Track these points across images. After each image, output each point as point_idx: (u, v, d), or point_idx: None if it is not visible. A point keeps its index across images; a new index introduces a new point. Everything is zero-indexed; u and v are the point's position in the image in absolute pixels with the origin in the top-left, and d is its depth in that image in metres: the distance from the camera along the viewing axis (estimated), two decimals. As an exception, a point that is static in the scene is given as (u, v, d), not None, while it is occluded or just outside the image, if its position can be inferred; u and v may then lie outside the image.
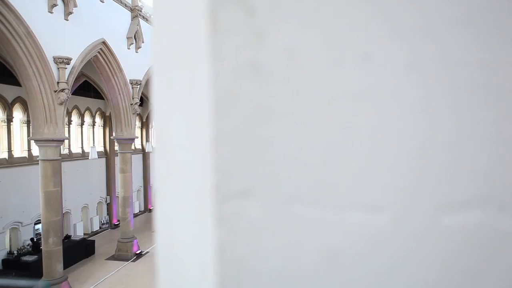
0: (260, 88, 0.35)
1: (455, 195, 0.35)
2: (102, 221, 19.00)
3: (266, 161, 0.35)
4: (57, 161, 10.89)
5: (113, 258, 14.59)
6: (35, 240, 13.54)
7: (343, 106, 0.35)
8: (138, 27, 15.11)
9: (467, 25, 0.35)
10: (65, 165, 14.09)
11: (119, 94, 14.15)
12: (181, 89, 0.39)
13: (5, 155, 13.70)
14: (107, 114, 19.34)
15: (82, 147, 18.07)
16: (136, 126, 17.49)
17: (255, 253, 0.36)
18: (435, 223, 0.36)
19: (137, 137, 16.58)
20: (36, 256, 12.59)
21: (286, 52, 0.35)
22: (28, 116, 13.79)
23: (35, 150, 13.52)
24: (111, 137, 17.12)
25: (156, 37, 0.44)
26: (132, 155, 15.50)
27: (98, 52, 12.89)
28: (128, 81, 14.46)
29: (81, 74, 14.41)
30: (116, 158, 17.96)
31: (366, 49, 0.34)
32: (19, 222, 13.80)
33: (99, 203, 18.94)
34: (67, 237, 14.77)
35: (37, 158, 11.22)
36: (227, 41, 0.35)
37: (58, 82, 10.65)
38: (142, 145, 23.21)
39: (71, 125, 17.30)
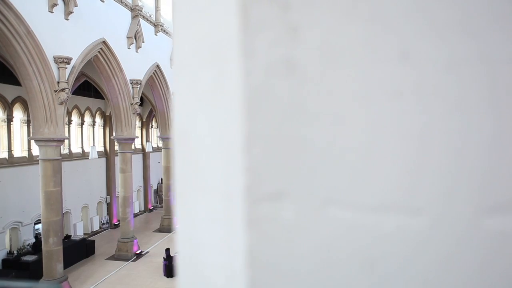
0: (294, 86, 0.33)
1: (496, 197, 0.34)
2: (102, 221, 18.98)
3: (300, 162, 0.34)
4: (57, 161, 10.88)
5: (113, 258, 14.57)
6: (39, 237, 13.49)
7: (380, 106, 0.34)
8: (138, 26, 15.09)
9: (507, 21, 0.34)
10: (65, 165, 14.08)
11: (119, 94, 14.13)
12: (208, 87, 0.38)
13: (5, 154, 13.68)
14: (107, 114, 19.32)
15: (82, 147, 18.05)
16: (136, 126, 17.47)
17: (288, 257, 0.34)
18: (475, 226, 0.34)
19: (137, 137, 16.56)
20: (36, 256, 12.57)
21: (321, 49, 0.33)
22: (28, 116, 13.77)
23: (35, 150, 13.50)
24: (111, 137, 17.10)
25: (178, 33, 0.43)
26: (132, 155, 15.48)
27: (99, 51, 12.87)
28: (129, 81, 14.43)
29: (81, 74, 14.39)
30: (116, 158, 17.95)
31: (405, 47, 0.33)
32: (19, 222, 13.77)
33: (99, 203, 18.92)
34: (67, 237, 14.75)
35: (37, 158, 11.20)
36: (259, 37, 0.34)
37: (58, 82, 10.63)
38: (142, 145, 23.19)
39: (71, 125, 17.28)
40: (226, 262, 0.37)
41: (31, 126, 11.13)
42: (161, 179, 21.81)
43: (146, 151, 22.50)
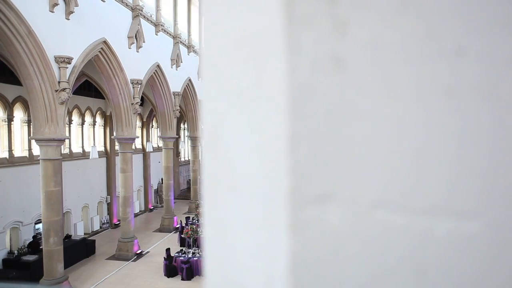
0: (341, 83, 0.32)
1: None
2: (103, 221, 18.96)
3: (347, 163, 0.32)
4: (57, 161, 10.85)
5: (114, 257, 14.55)
6: (38, 237, 13.46)
7: (433, 104, 0.32)
8: (139, 26, 15.06)
9: None
10: (66, 165, 14.05)
11: (120, 93, 14.10)
12: (246, 84, 0.36)
13: (5, 154, 13.65)
14: (108, 113, 19.30)
15: (82, 147, 18.02)
16: (137, 126, 17.45)
17: (334, 264, 0.33)
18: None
19: (137, 137, 16.53)
20: (36, 256, 12.55)
21: (371, 45, 0.32)
22: (28, 116, 13.74)
23: (36, 150, 13.47)
24: (112, 136, 17.08)
25: (209, 27, 0.41)
26: (133, 155, 15.46)
27: (99, 51, 12.84)
28: (129, 81, 14.40)
29: (82, 74, 14.36)
30: (116, 157, 17.92)
31: (461, 42, 0.31)
32: (19, 222, 13.75)
33: (100, 202, 18.90)
34: (68, 236, 14.73)
35: (38, 158, 11.18)
36: (305, 32, 0.32)
37: (59, 82, 10.61)
38: (142, 144, 23.16)
39: (71, 125, 17.26)
40: (263, 268, 0.35)
41: (31, 126, 11.11)
42: (161, 179, 21.78)
43: (147, 151, 22.47)
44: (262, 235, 0.35)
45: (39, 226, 13.56)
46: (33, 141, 12.35)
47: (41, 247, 11.73)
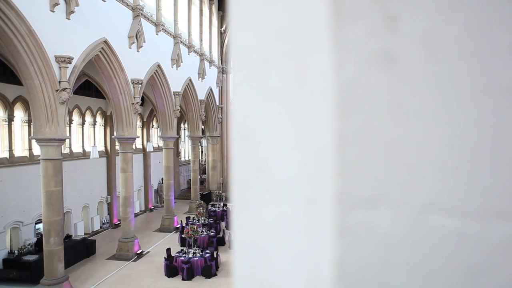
0: (392, 81, 0.30)
1: None
2: (103, 221, 18.94)
3: (397, 165, 0.31)
4: (58, 161, 10.83)
5: (114, 257, 14.52)
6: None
7: (487, 103, 0.31)
8: (139, 26, 15.03)
9: None
10: (66, 165, 14.01)
11: (120, 93, 14.08)
12: (286, 82, 0.34)
13: (6, 154, 13.63)
14: (108, 113, 19.28)
15: (83, 147, 18.00)
16: (137, 126, 17.43)
17: (383, 270, 0.31)
18: None
19: (138, 137, 16.51)
20: (37, 256, 12.52)
21: (423, 41, 0.30)
22: (29, 115, 13.71)
23: (36, 150, 13.44)
24: (112, 136, 17.06)
25: (243, 22, 0.40)
26: (133, 155, 15.43)
27: (100, 51, 12.81)
28: (130, 81, 14.37)
29: (82, 74, 14.34)
30: (117, 157, 17.90)
31: (519, 36, 0.30)
32: (20, 222, 13.72)
33: (100, 202, 18.87)
34: (68, 236, 14.71)
35: (38, 158, 11.15)
36: (354, 27, 0.30)
37: (59, 81, 10.58)
38: (143, 144, 23.14)
39: (72, 125, 17.23)
40: (305, 275, 0.34)
41: (32, 126, 11.09)
42: (162, 179, 21.77)
43: (147, 150, 22.45)
44: (304, 240, 0.34)
45: (40, 226, 13.54)
46: (33, 141, 12.33)
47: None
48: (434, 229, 0.31)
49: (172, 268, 12.88)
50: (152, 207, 23.58)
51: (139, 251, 14.96)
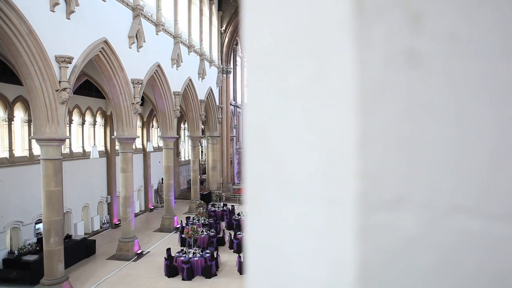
0: (416, 80, 0.30)
1: None
2: (103, 221, 18.93)
3: (421, 165, 0.30)
4: (58, 161, 10.82)
5: (114, 257, 14.52)
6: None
7: (513, 102, 0.30)
8: (139, 26, 15.02)
9: None
10: (66, 165, 14.00)
11: (121, 93, 14.07)
12: (304, 80, 0.34)
13: (6, 154, 13.61)
14: (108, 113, 19.27)
15: (83, 147, 17.99)
16: (137, 126, 17.42)
17: (407, 273, 0.31)
18: None
19: (138, 137, 16.50)
20: (37, 256, 12.51)
21: (448, 39, 0.30)
22: (29, 115, 13.70)
23: (36, 150, 13.43)
24: (112, 136, 17.05)
25: (259, 19, 0.39)
26: (133, 155, 15.43)
27: (100, 51, 12.80)
28: (130, 81, 14.36)
29: (82, 73, 14.33)
30: (117, 157, 17.90)
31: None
32: (20, 222, 13.71)
33: (100, 202, 18.86)
34: (68, 236, 14.70)
35: (38, 158, 11.14)
36: (376, 25, 0.30)
37: (59, 81, 10.57)
38: (143, 144, 23.13)
39: (72, 125, 17.22)
40: (325, 277, 0.33)
41: (32, 126, 11.08)
42: (162, 179, 21.78)
43: (147, 150, 22.44)
44: (324, 243, 0.33)
45: (40, 226, 13.53)
46: (33, 141, 12.32)
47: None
48: (459, 231, 0.31)
49: (172, 268, 12.88)
50: (152, 207, 23.57)
51: (139, 251, 14.95)
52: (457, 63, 0.30)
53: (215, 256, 13.54)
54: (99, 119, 19.51)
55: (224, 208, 21.36)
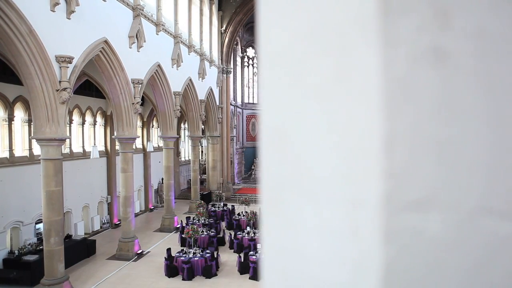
0: (443, 79, 0.29)
1: None
2: (103, 221, 18.92)
3: (449, 165, 0.29)
4: (58, 160, 10.81)
5: (114, 257, 14.51)
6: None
7: (543, 101, 0.29)
8: (140, 26, 15.01)
9: None
10: (66, 165, 13.99)
11: (121, 93, 14.06)
12: (326, 79, 0.33)
13: (6, 154, 13.60)
14: (108, 113, 19.26)
15: (83, 147, 17.98)
16: (137, 126, 17.41)
17: (433, 276, 0.30)
18: None
19: (138, 137, 16.49)
20: (37, 256, 12.51)
21: (476, 36, 0.29)
22: (29, 115, 13.70)
23: (36, 150, 13.42)
24: (112, 136, 17.04)
25: (276, 16, 0.38)
26: (133, 155, 15.42)
27: (100, 51, 12.79)
28: (130, 80, 14.36)
29: (82, 73, 14.32)
30: (117, 157, 17.89)
31: None
32: (20, 222, 13.70)
33: (100, 202, 18.85)
34: (68, 236, 14.69)
35: (39, 158, 11.13)
36: (403, 22, 0.29)
37: (60, 81, 10.56)
38: (143, 144, 23.12)
39: (72, 124, 17.21)
40: (348, 280, 0.33)
41: (32, 126, 11.07)
42: (162, 179, 21.78)
43: (147, 150, 22.44)
44: (347, 245, 0.32)
45: (40, 226, 13.52)
46: (33, 141, 12.31)
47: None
48: (489, 233, 0.30)
49: (172, 268, 12.87)
50: (152, 207, 23.57)
51: (139, 251, 14.94)
52: (486, 61, 0.29)
53: (215, 256, 13.53)
54: (99, 119, 19.50)
55: (224, 208, 21.35)
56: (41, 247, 12.53)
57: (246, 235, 15.88)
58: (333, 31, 0.33)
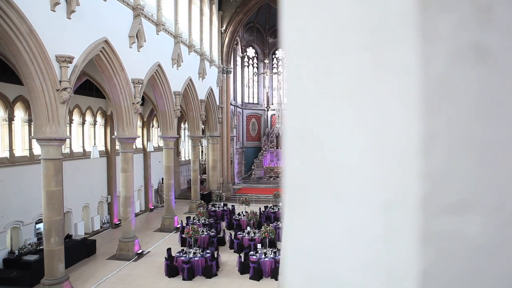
0: (486, 76, 0.28)
1: None
2: (103, 221, 18.90)
3: (491, 166, 0.28)
4: (59, 160, 10.80)
5: (114, 257, 14.50)
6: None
7: None
8: (140, 26, 14.99)
9: None
10: (66, 165, 13.97)
11: (121, 93, 14.04)
12: (359, 77, 0.32)
13: (6, 154, 13.58)
14: (109, 113, 19.24)
15: (83, 146, 17.96)
16: (138, 126, 17.39)
17: (473, 283, 0.29)
18: None
19: (138, 137, 16.48)
20: (37, 256, 12.49)
21: (519, 32, 0.28)
22: (29, 115, 13.68)
23: (36, 149, 13.40)
24: (113, 136, 17.02)
25: (305, 11, 0.37)
26: (133, 155, 15.40)
27: (100, 50, 12.77)
28: (130, 80, 14.34)
29: (83, 73, 14.30)
30: (117, 157, 17.88)
31: None
32: (20, 222, 13.68)
33: (100, 202, 18.83)
34: (68, 236, 14.67)
35: (39, 157, 11.12)
36: (442, 18, 0.28)
37: (60, 81, 10.55)
38: (143, 144, 23.10)
39: (72, 124, 17.19)
40: (382, 285, 0.31)
41: (32, 125, 11.06)
42: (162, 179, 21.77)
43: (147, 150, 22.43)
44: (380, 249, 0.31)
45: (40, 225, 13.51)
46: (33, 141, 12.30)
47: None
48: (529, 237, 0.29)
49: (172, 268, 12.86)
50: (152, 207, 23.55)
51: (140, 251, 14.93)
52: (530, 59, 0.28)
53: (215, 256, 13.52)
54: (100, 119, 19.49)
55: (224, 208, 21.35)
56: (41, 247, 12.51)
57: (247, 235, 15.87)
58: (367, 26, 0.32)
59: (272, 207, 20.97)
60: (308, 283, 0.40)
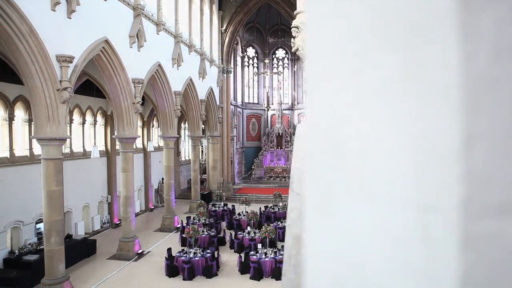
0: (529, 74, 0.27)
1: None
2: (103, 221, 18.89)
3: (534, 168, 0.27)
4: (59, 160, 10.79)
5: (115, 257, 14.48)
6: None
7: None
8: (140, 25, 14.97)
9: None
10: (67, 164, 13.94)
11: (121, 93, 14.03)
12: (392, 77, 0.31)
13: (6, 153, 13.57)
14: (109, 113, 19.22)
15: (83, 146, 17.94)
16: (138, 125, 17.39)
17: (516, 285, 0.28)
18: None
19: (138, 136, 16.46)
20: (38, 256, 12.48)
21: None
22: (29, 115, 13.66)
23: (37, 149, 13.39)
24: (113, 136, 17.01)
25: (333, 8, 0.36)
26: (134, 154, 15.38)
27: (101, 50, 12.76)
28: (130, 80, 14.32)
29: (83, 73, 14.29)
30: (117, 157, 17.86)
31: None
32: (20, 221, 13.66)
33: (100, 202, 18.81)
34: (68, 236, 14.66)
35: (39, 157, 11.10)
36: (485, 13, 0.27)
37: (60, 81, 10.53)
38: (143, 144, 23.09)
39: (72, 124, 17.17)
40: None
41: (32, 125, 11.04)
42: (162, 179, 21.75)
43: (147, 150, 22.42)
44: (418, 253, 0.30)
45: (40, 225, 13.49)
46: (34, 141, 12.28)
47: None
48: None
49: (173, 268, 12.85)
50: (153, 207, 23.54)
51: (140, 251, 14.92)
52: None
53: (215, 256, 13.51)
54: (100, 119, 19.47)
55: (225, 208, 21.34)
56: (42, 247, 12.49)
57: (247, 235, 15.86)
58: (401, 25, 0.31)
59: (272, 207, 20.95)
60: (333, 285, 0.39)
